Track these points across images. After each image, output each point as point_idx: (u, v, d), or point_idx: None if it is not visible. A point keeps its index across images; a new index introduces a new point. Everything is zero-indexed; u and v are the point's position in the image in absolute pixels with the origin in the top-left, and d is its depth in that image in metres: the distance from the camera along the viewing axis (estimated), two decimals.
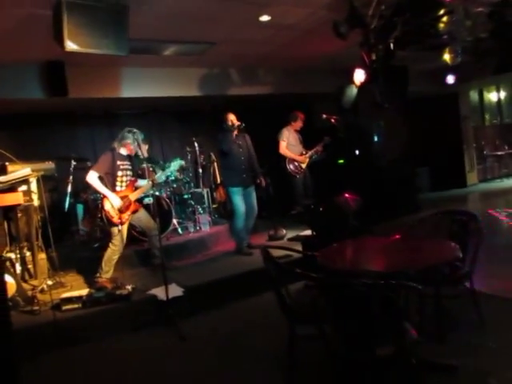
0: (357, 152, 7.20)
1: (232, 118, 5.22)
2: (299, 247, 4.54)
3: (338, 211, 3.91)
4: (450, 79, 7.29)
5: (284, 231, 5.92)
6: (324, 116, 6.07)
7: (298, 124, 6.38)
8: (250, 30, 5.16)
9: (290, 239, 5.61)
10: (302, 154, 6.33)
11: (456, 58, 5.54)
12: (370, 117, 7.84)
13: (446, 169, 10.13)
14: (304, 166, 6.29)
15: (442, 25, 4.88)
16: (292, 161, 6.27)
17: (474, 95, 11.35)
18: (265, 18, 4.79)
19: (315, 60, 6.85)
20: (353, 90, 5.58)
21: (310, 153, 6.36)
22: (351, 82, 5.40)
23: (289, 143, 6.27)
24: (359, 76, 5.22)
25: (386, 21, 4.47)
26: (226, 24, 4.92)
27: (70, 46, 3.76)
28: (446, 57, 5.59)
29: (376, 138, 7.65)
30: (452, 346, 2.83)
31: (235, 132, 5.21)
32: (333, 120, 6.07)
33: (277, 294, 2.55)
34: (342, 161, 7.30)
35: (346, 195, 4.21)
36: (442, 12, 4.68)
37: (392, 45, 4.77)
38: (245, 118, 5.38)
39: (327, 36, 5.15)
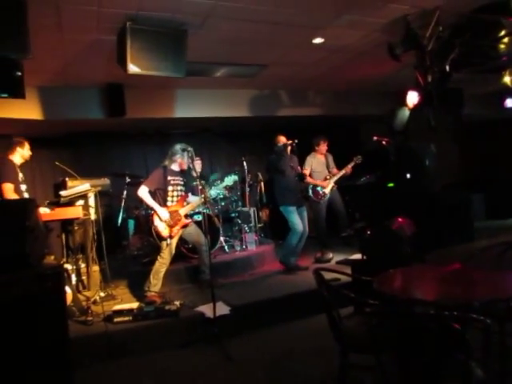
0: (408, 175, 7.00)
1: (283, 138, 5.28)
2: (348, 271, 4.42)
3: (391, 236, 3.78)
4: (510, 103, 7.00)
5: (331, 254, 5.81)
6: (375, 138, 5.97)
7: (322, 148, 6.16)
8: (302, 52, 5.23)
9: (339, 262, 5.49)
10: (325, 179, 6.13)
11: None
12: (422, 140, 7.63)
13: (502, 196, 9.59)
14: (327, 190, 6.01)
15: (502, 46, 4.73)
16: (314, 187, 6.06)
17: None
18: (318, 40, 4.84)
19: (366, 82, 6.82)
20: (405, 113, 5.49)
21: (335, 177, 6.09)
22: (403, 104, 5.31)
23: (313, 170, 6.07)
24: (412, 98, 5.14)
25: (444, 42, 4.39)
26: (278, 47, 5.01)
27: (132, 68, 3.97)
28: (507, 79, 5.40)
29: (428, 162, 7.39)
30: None
31: (288, 152, 5.24)
32: (384, 142, 5.96)
33: (330, 319, 2.48)
34: (391, 184, 7.12)
35: (400, 220, 4.07)
36: (503, 33, 4.54)
37: (448, 67, 4.66)
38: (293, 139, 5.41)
39: (380, 58, 5.16)
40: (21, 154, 4.64)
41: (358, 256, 5.15)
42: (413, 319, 1.78)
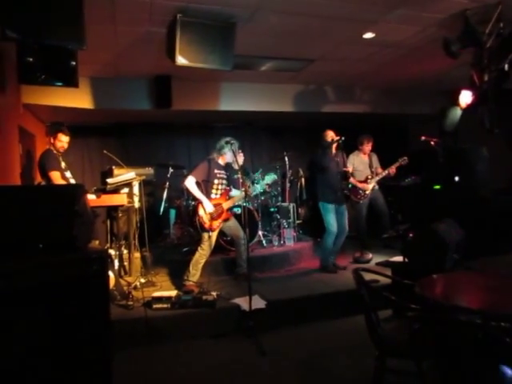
0: (456, 178, 6.70)
1: (332, 134, 5.15)
2: (388, 273, 4.30)
3: (436, 240, 3.64)
4: None
5: (370, 255, 5.68)
6: (423, 138, 5.74)
7: (366, 147, 5.99)
8: (352, 47, 5.10)
9: (379, 264, 5.36)
10: (367, 179, 5.94)
11: None
12: (473, 142, 7.29)
13: None
14: (368, 191, 5.84)
15: None
16: (353, 187, 5.88)
17: None
18: (368, 35, 4.71)
19: (416, 80, 6.58)
20: (457, 113, 5.26)
21: (377, 177, 5.86)
22: (456, 103, 5.08)
23: (354, 169, 5.90)
24: (465, 98, 4.90)
25: (504, 40, 4.15)
26: (327, 42, 4.92)
27: (181, 60, 4.03)
28: None
29: (478, 166, 7.05)
30: None
31: (333, 148, 5.13)
32: (432, 142, 5.72)
33: (368, 321, 2.42)
34: (438, 186, 6.84)
35: (447, 223, 3.90)
36: None
37: (507, 66, 4.40)
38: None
39: (433, 55, 4.97)
40: (49, 143, 4.70)
41: (398, 258, 5.01)
42: (458, 327, 1.70)
